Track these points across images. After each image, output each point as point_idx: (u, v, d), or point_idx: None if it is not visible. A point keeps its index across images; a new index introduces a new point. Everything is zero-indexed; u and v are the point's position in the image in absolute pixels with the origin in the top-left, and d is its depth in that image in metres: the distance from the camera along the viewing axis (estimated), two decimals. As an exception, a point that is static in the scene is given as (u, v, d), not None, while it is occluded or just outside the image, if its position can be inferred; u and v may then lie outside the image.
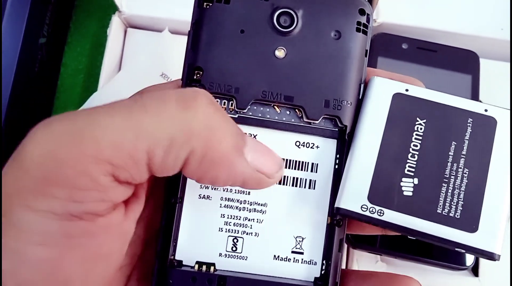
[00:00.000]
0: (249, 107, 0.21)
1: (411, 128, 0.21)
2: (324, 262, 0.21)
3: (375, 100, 0.21)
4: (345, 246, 0.33)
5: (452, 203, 0.20)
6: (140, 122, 0.17)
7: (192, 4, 0.21)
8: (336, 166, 0.22)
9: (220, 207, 0.21)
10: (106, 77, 0.37)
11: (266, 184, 0.20)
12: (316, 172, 0.22)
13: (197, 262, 0.21)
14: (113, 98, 0.18)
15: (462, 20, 0.37)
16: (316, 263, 0.22)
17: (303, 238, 0.22)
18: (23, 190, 0.16)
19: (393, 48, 0.37)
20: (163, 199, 0.21)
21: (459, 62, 0.37)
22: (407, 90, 0.21)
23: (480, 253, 0.20)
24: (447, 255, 0.33)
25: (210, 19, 0.21)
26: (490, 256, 0.20)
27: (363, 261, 0.34)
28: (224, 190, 0.21)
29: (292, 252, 0.22)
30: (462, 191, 0.20)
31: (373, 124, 0.21)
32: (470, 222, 0.20)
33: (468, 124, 0.21)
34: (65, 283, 0.18)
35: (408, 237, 0.31)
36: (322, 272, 0.21)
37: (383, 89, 0.21)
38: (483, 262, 0.34)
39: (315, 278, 0.21)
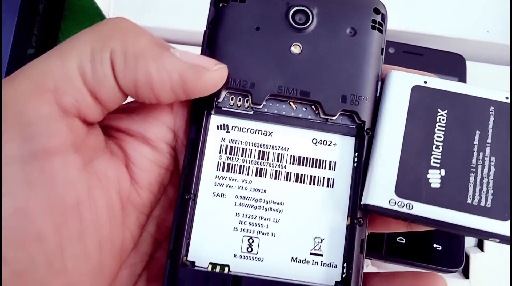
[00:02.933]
0: (264, 103, 0.21)
1: (433, 120, 0.20)
2: (345, 265, 0.20)
3: (394, 93, 0.21)
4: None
5: (482, 192, 0.19)
6: (62, 48, 0.18)
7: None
8: (355, 164, 0.21)
9: (235, 205, 0.20)
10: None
11: (208, 77, 0.19)
12: (334, 170, 0.21)
13: (210, 263, 0.20)
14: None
15: (447, 23, 0.37)
16: (336, 266, 0.20)
17: (322, 239, 0.20)
18: None
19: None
20: (176, 198, 0.21)
21: (446, 65, 0.37)
22: (425, 82, 0.21)
23: None
24: (436, 258, 0.33)
25: (226, 17, 0.21)
26: None
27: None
28: (239, 188, 0.21)
29: (311, 253, 0.20)
30: (491, 179, 0.19)
31: (394, 118, 0.20)
32: (501, 210, 0.18)
33: (490, 112, 0.20)
34: (38, 237, 0.17)
35: (397, 240, 0.32)
36: (344, 275, 0.20)
37: (402, 82, 0.21)
38: (473, 263, 0.34)
39: (336, 282, 0.20)
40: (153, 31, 0.37)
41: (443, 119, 0.20)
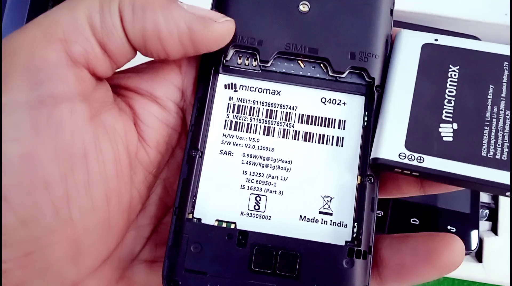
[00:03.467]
0: (272, 61, 0.21)
1: (444, 75, 0.20)
2: (355, 224, 0.19)
3: (405, 51, 0.20)
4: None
5: (497, 145, 0.18)
6: (73, 0, 0.18)
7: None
8: (365, 123, 0.20)
9: (242, 163, 0.20)
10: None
11: (215, 28, 0.19)
12: (343, 129, 0.21)
13: (216, 220, 0.19)
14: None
15: (464, 5, 0.36)
16: (346, 225, 0.19)
17: (331, 198, 0.20)
18: None
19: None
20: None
21: None
22: (436, 40, 0.20)
23: None
24: None
25: None
26: None
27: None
28: (246, 147, 0.20)
29: (320, 212, 0.20)
30: (506, 133, 0.19)
31: (404, 74, 0.20)
32: None
33: (505, 67, 0.20)
34: (44, 184, 0.17)
35: (411, 221, 0.32)
36: (354, 235, 0.19)
37: (412, 40, 0.21)
38: (487, 247, 0.34)
39: (346, 241, 0.19)
40: None
41: (455, 75, 0.20)
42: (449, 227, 0.33)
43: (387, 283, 0.19)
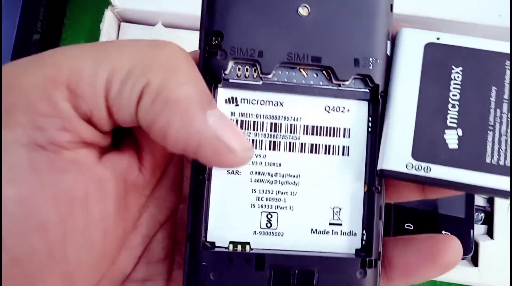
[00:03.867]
0: (274, 72, 0.20)
1: (448, 78, 0.20)
2: (364, 232, 0.20)
3: (407, 52, 0.20)
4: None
5: (501, 150, 0.19)
6: (102, 51, 0.17)
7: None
8: (370, 129, 0.20)
9: (251, 182, 0.20)
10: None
11: (225, 158, 0.17)
12: (349, 137, 0.20)
13: (231, 242, 0.19)
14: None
15: (458, 8, 0.36)
16: (356, 234, 0.20)
17: (340, 209, 0.20)
18: None
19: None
20: (179, 178, 0.20)
21: None
22: (438, 38, 0.20)
23: None
24: None
25: None
26: None
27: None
28: (253, 164, 0.20)
29: (330, 224, 0.20)
30: (509, 137, 0.19)
31: (408, 78, 0.20)
32: None
33: (506, 67, 0.20)
34: (40, 227, 0.16)
35: (405, 226, 0.32)
36: (364, 242, 0.20)
37: (414, 40, 0.20)
38: (482, 251, 0.34)
39: (357, 249, 0.20)
40: (159, 16, 0.37)
41: (458, 77, 0.20)
42: (443, 232, 0.33)
43: (394, 282, 0.21)
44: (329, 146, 0.20)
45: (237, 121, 0.20)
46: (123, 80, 0.16)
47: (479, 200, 0.36)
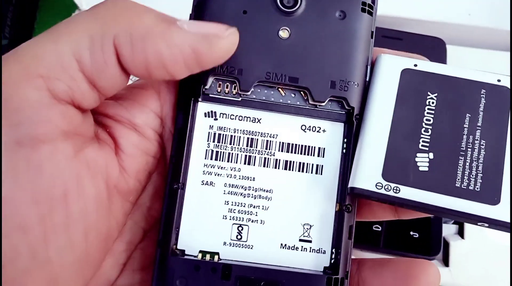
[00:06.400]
0: (252, 89, 0.21)
1: (422, 103, 0.20)
2: (333, 250, 0.20)
3: (384, 77, 0.21)
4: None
5: (471, 175, 0.19)
6: (57, 32, 0.17)
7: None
8: (344, 150, 0.21)
9: (224, 193, 0.20)
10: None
11: (221, 45, 0.18)
12: (323, 157, 0.21)
13: (200, 252, 0.20)
14: None
15: (428, 7, 0.36)
16: (325, 251, 0.20)
17: (311, 226, 0.20)
18: None
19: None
20: (163, 186, 0.21)
21: (426, 49, 0.36)
22: (415, 65, 0.21)
23: (503, 226, 0.18)
24: (413, 246, 0.33)
25: (212, 1, 0.20)
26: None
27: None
28: (228, 176, 0.21)
29: (300, 240, 0.20)
30: (481, 163, 0.19)
31: (383, 101, 0.20)
32: (491, 194, 0.18)
33: (481, 95, 0.20)
34: (21, 227, 0.16)
35: (373, 228, 0.32)
36: (332, 261, 0.20)
37: (392, 65, 0.21)
38: (453, 251, 0.34)
39: (325, 267, 0.20)
40: None
41: (432, 103, 0.20)
42: (411, 233, 0.33)
43: None
44: (303, 164, 0.21)
45: (214, 134, 0.21)
46: (90, 47, 0.17)
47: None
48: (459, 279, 0.34)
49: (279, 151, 0.21)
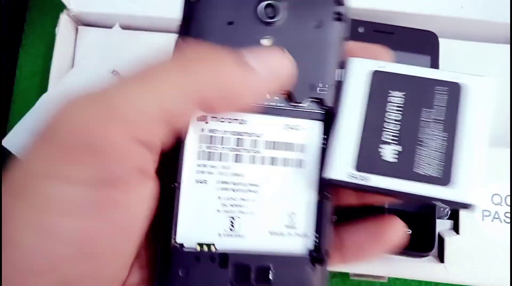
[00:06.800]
0: (238, 93, 0.22)
1: (387, 100, 0.23)
2: (316, 235, 0.23)
3: (355, 78, 0.23)
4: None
5: (429, 163, 0.22)
6: (147, 82, 0.18)
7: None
8: (323, 146, 0.23)
9: (217, 190, 0.22)
10: (56, 77, 0.37)
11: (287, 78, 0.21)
12: (304, 152, 0.23)
13: (198, 244, 0.22)
14: (65, 96, 0.18)
15: (420, 0, 0.36)
16: (309, 236, 0.23)
17: (295, 214, 0.23)
18: (50, 160, 0.17)
19: (349, 32, 0.35)
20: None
21: (418, 43, 0.36)
22: (383, 67, 0.23)
23: (456, 205, 0.21)
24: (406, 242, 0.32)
25: (199, 13, 0.22)
26: (465, 206, 0.21)
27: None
28: (219, 174, 0.23)
29: (286, 226, 0.23)
30: (436, 151, 0.22)
31: (354, 100, 0.23)
32: (447, 178, 0.22)
33: (435, 91, 0.23)
34: (94, 257, 0.18)
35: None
36: (316, 244, 0.23)
37: (361, 68, 0.23)
38: (448, 247, 0.34)
39: (309, 250, 0.23)
40: (118, 18, 0.37)
41: (396, 99, 0.23)
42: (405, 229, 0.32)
43: (348, 261, 0.24)
44: (287, 159, 0.23)
45: (206, 136, 0.22)
46: (176, 99, 0.18)
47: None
48: (454, 275, 0.33)
49: (264, 148, 0.23)
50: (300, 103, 0.23)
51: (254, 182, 0.23)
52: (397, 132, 0.22)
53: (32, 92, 0.40)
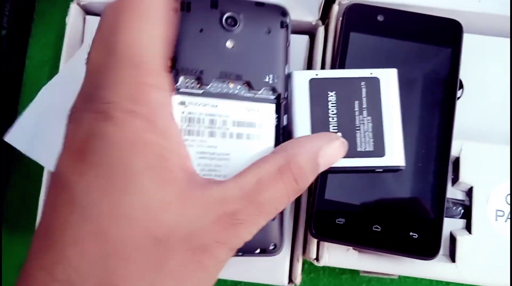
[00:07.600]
0: (211, 84, 0.29)
1: (327, 100, 0.30)
2: None
3: (297, 87, 0.30)
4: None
5: (365, 141, 0.29)
6: None
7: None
8: (276, 123, 0.30)
9: (196, 159, 0.29)
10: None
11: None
12: (262, 128, 0.30)
13: None
14: (75, 79, 0.21)
15: None
16: None
17: None
18: None
19: (368, 21, 0.35)
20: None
21: (439, 33, 0.35)
22: (317, 74, 0.31)
23: (391, 169, 0.29)
24: (412, 246, 0.32)
25: (180, 23, 0.29)
26: (397, 169, 0.29)
27: (334, 250, 0.35)
28: (198, 146, 0.29)
29: None
30: (370, 132, 0.30)
31: (301, 104, 0.30)
32: (380, 150, 0.29)
33: (362, 86, 0.31)
34: None
35: (373, 228, 0.34)
36: None
37: (301, 78, 0.31)
38: (460, 247, 0.33)
39: None
40: None
41: (333, 98, 0.30)
42: (411, 233, 0.32)
43: None
44: (249, 134, 0.30)
45: (186, 117, 0.29)
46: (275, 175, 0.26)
47: (458, 194, 0.35)
48: (465, 275, 0.33)
49: (232, 126, 0.30)
50: (258, 91, 0.30)
51: (225, 152, 0.29)
52: (340, 123, 0.30)
53: (41, 81, 0.38)
